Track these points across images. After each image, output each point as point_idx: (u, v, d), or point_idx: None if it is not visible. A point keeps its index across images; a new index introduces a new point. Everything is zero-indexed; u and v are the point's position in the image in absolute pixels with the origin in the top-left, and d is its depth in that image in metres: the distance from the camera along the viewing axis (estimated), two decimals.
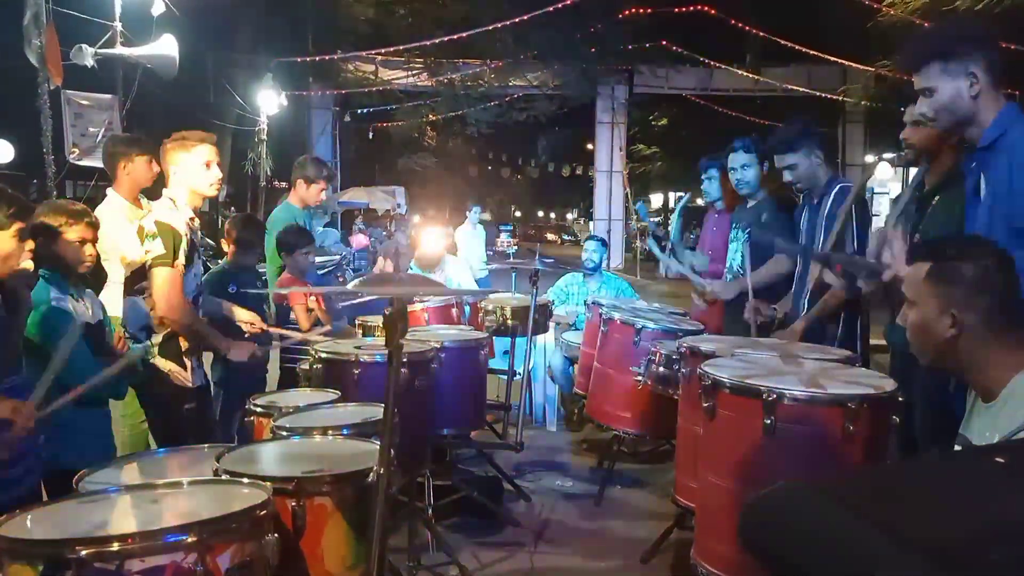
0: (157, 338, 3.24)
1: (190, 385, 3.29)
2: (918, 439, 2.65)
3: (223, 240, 4.96)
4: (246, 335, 3.76)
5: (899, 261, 2.29)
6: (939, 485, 0.92)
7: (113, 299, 3.99)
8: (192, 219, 3.31)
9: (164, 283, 3.14)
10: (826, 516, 0.86)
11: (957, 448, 1.90)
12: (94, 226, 3.00)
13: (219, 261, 4.18)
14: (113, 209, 4.04)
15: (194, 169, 3.27)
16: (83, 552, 1.43)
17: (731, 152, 4.14)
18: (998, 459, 1.04)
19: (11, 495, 2.26)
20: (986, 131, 2.21)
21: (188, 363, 3.30)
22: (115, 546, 1.46)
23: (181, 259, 3.16)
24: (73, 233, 2.89)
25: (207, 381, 3.45)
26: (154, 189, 4.21)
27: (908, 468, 1.08)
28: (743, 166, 4.08)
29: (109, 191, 4.16)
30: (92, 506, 1.74)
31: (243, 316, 3.80)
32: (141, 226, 3.23)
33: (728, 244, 4.30)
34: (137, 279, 3.34)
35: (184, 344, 3.29)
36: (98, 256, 3.99)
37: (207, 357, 3.62)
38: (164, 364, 3.22)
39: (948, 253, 1.86)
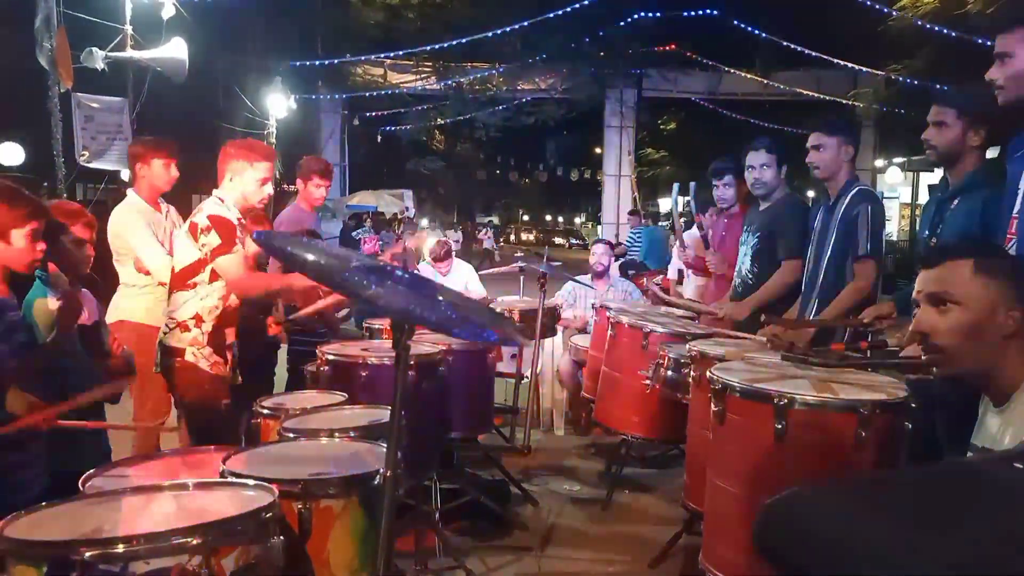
0: (198, 331, 3.20)
1: (227, 377, 3.27)
2: (941, 444, 2.61)
3: None
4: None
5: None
6: (958, 492, 0.90)
7: (126, 302, 3.99)
8: (240, 220, 3.29)
9: (230, 269, 3.14)
10: (843, 522, 0.84)
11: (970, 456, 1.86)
12: (91, 226, 3.00)
13: None
14: (131, 210, 4.06)
15: (251, 183, 3.28)
16: (88, 554, 1.42)
17: (751, 150, 4.09)
18: (1017, 465, 1.02)
19: (23, 498, 2.26)
20: None
21: (230, 356, 3.29)
22: (120, 548, 1.45)
23: (239, 245, 3.16)
24: (71, 234, 2.89)
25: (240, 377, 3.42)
26: (172, 193, 4.25)
27: (926, 474, 1.06)
28: (762, 165, 4.02)
29: (129, 191, 4.19)
30: (97, 507, 1.73)
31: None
32: (194, 223, 3.19)
33: (739, 247, 4.27)
34: (188, 276, 3.25)
35: (230, 337, 3.28)
36: (110, 257, 4.01)
37: None
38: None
39: (988, 249, 1.79)
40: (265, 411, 2.80)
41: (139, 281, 3.99)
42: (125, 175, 9.05)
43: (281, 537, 1.69)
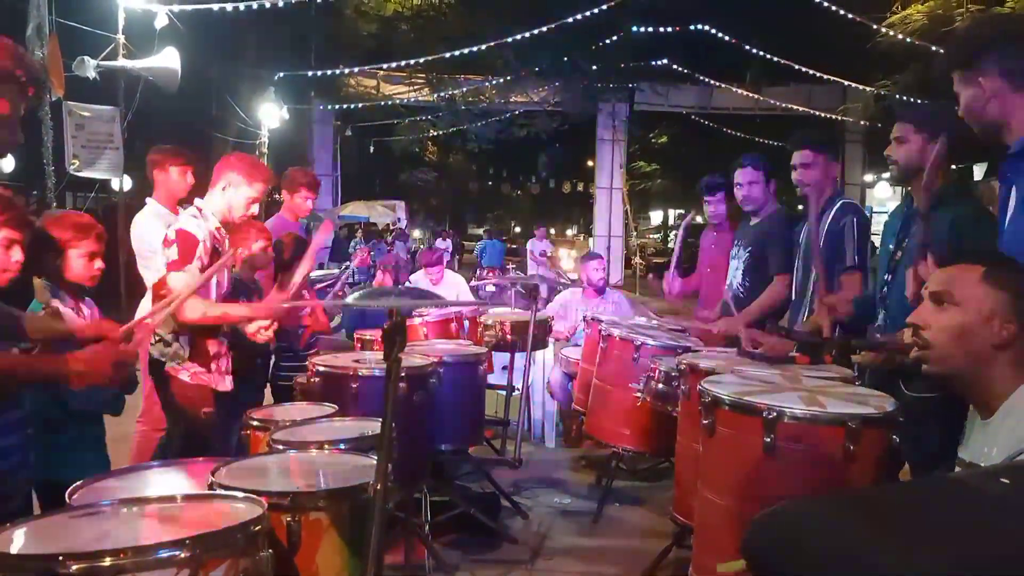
0: (177, 344, 3.20)
1: (215, 388, 3.26)
2: (905, 456, 2.63)
3: None
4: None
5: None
6: (946, 505, 0.90)
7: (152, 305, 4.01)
8: (219, 229, 3.31)
9: (176, 287, 3.11)
10: (832, 536, 0.84)
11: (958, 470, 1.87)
12: (102, 238, 2.99)
13: None
14: (152, 216, 4.16)
15: (241, 198, 3.30)
16: (74, 567, 1.41)
17: (738, 167, 4.12)
18: (1003, 480, 1.03)
19: (3, 465, 2.24)
20: (1018, 138, 2.11)
21: (216, 367, 3.28)
22: (107, 561, 1.43)
23: (194, 264, 3.14)
24: (81, 247, 2.88)
25: (233, 387, 3.42)
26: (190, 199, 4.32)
27: (915, 487, 1.06)
28: (750, 182, 4.06)
29: (148, 199, 4.31)
30: (84, 520, 1.72)
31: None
32: (166, 235, 3.23)
33: (729, 261, 4.29)
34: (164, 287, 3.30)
35: (215, 347, 3.27)
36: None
37: None
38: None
39: (1003, 261, 1.82)
40: (255, 423, 2.79)
41: None
42: (115, 184, 9.04)
43: (270, 550, 1.68)
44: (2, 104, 2.02)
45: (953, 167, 2.96)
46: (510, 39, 15.90)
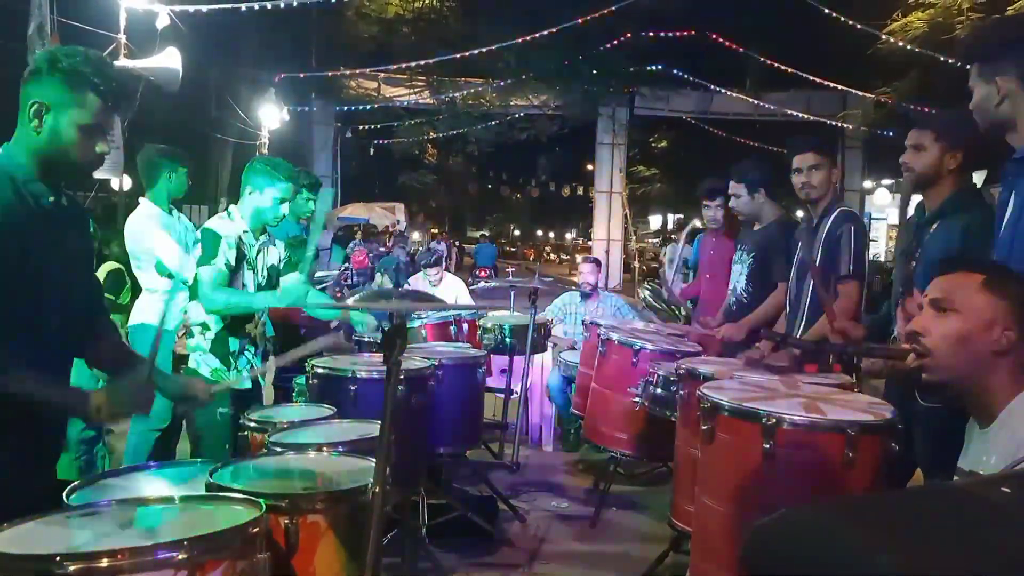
0: (201, 338, 3.23)
1: (231, 386, 3.26)
2: (920, 466, 2.62)
3: None
4: None
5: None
6: (949, 515, 0.90)
7: (149, 306, 4.03)
8: (245, 232, 3.34)
9: (202, 279, 3.20)
10: (833, 544, 0.84)
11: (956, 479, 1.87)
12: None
13: None
14: (149, 216, 4.16)
15: (267, 199, 3.34)
16: (71, 568, 1.40)
17: (731, 178, 4.14)
18: (1004, 488, 1.03)
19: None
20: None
21: (233, 363, 3.29)
22: (104, 562, 1.43)
23: (221, 259, 3.20)
24: None
25: (255, 385, 3.42)
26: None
27: (917, 495, 1.06)
28: (735, 195, 4.12)
29: (143, 200, 4.29)
30: (81, 520, 1.71)
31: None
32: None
33: (731, 266, 4.29)
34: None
35: (234, 346, 3.28)
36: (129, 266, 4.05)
37: None
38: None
39: (1002, 269, 1.82)
40: (252, 424, 2.78)
41: (160, 285, 4.04)
42: (115, 183, 9.03)
43: (268, 552, 1.68)
44: (82, 114, 1.99)
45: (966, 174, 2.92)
46: (511, 42, 15.94)
